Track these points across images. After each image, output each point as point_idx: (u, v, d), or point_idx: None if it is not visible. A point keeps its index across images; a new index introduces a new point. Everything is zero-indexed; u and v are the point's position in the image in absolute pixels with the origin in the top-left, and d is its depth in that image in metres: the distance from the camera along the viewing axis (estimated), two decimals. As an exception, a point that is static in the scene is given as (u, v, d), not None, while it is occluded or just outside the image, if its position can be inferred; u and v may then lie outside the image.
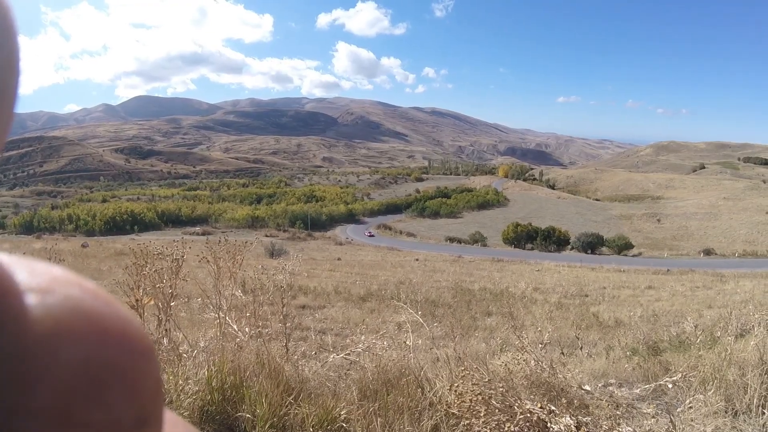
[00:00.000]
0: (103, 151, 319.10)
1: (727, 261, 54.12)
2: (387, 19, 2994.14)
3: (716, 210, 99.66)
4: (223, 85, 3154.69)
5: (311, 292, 17.99)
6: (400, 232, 75.21)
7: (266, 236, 58.83)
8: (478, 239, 65.72)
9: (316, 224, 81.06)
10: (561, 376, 3.44)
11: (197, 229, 75.21)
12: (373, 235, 70.24)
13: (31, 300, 0.23)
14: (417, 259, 41.25)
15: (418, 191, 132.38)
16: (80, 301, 0.25)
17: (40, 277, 0.25)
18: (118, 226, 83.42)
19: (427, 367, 3.74)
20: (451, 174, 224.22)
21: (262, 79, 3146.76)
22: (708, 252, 61.04)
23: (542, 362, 3.46)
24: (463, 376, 3.14)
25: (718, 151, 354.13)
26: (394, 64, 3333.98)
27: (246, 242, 6.99)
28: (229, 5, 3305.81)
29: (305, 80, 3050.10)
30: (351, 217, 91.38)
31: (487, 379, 3.13)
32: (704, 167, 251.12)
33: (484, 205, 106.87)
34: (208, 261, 4.19)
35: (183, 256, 4.04)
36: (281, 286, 4.37)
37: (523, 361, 3.48)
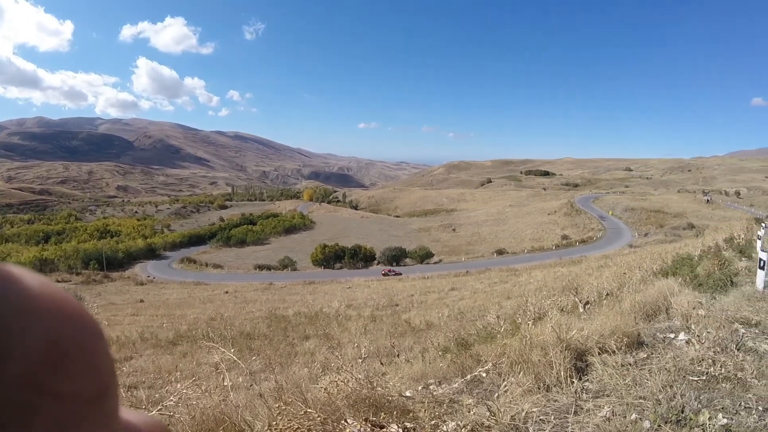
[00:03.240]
0: None
1: (518, 257, 60.25)
2: (195, 37, 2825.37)
3: (504, 216, 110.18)
4: (9, 101, 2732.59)
5: (114, 342, 16.32)
6: (206, 265, 70.97)
7: (57, 281, 51.89)
8: (287, 264, 64.97)
9: (112, 263, 72.28)
10: (381, 388, 3.38)
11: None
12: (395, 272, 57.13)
13: (2, 283, 0.26)
14: (227, 292, 39.63)
15: (222, 219, 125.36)
16: (44, 285, 0.28)
17: (3, 268, 0.27)
18: None
19: (246, 408, 3.48)
20: (255, 200, 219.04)
21: (53, 95, 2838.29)
22: (500, 252, 67.47)
23: (361, 378, 3.37)
24: (281, 412, 2.96)
25: (503, 167, 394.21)
26: (198, 85, 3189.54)
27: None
28: (29, 6, 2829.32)
29: (100, 98, 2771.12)
30: (151, 253, 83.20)
31: (303, 411, 2.98)
32: (491, 181, 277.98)
33: (291, 230, 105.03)
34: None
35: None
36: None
37: (343, 381, 3.35)
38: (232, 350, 3.95)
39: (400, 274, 53.22)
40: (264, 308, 25.86)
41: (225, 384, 3.37)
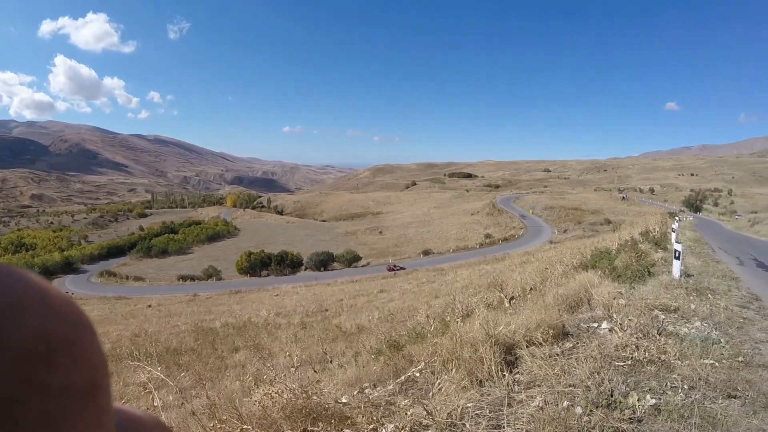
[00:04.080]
0: None
1: (444, 257, 61.19)
2: (117, 34, 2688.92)
3: (429, 217, 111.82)
4: None
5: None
6: (127, 277, 67.30)
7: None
8: (212, 273, 63.05)
9: (28, 279, 67.82)
10: (316, 396, 3.30)
11: None
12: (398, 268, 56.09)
13: None
14: (150, 306, 38.00)
15: (142, 228, 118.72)
16: (33, 280, 0.28)
17: None
18: None
19: (180, 428, 3.31)
20: (177, 207, 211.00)
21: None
22: (427, 252, 68.32)
23: (295, 388, 3.28)
24: (216, 431, 2.84)
25: (427, 169, 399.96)
26: (117, 86, 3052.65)
27: None
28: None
29: (15, 99, 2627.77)
30: (69, 266, 78.26)
31: (239, 429, 2.90)
32: (416, 184, 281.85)
33: (214, 237, 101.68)
34: None
35: None
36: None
37: (277, 393, 3.25)
38: (160, 368, 3.76)
39: (404, 268, 53.31)
40: (190, 321, 25.01)
41: (155, 404, 3.20)
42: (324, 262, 64.97)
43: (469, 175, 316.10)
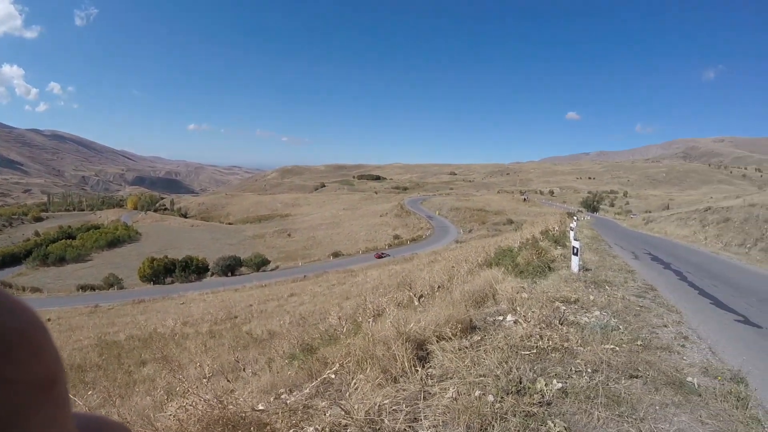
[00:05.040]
0: None
1: (354, 258, 61.26)
2: (21, 17, 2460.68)
3: (338, 219, 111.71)
4: None
5: None
6: (24, 289, 61.23)
7: None
8: (113, 282, 59.40)
9: None
10: (232, 406, 3.25)
11: None
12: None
13: None
14: (49, 319, 35.43)
15: (38, 234, 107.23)
16: None
17: None
18: None
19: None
20: (75, 210, 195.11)
21: None
22: (336, 254, 68.19)
23: (210, 399, 3.22)
24: None
25: (337, 171, 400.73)
26: (16, 74, 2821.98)
27: None
28: None
29: None
30: None
31: None
32: (325, 185, 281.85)
33: (114, 243, 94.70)
34: None
35: None
36: None
37: (191, 405, 3.17)
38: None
39: (390, 255, 54.98)
40: (93, 335, 23.66)
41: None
42: (231, 267, 63.20)
43: (378, 177, 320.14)
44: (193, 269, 62.27)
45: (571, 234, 15.81)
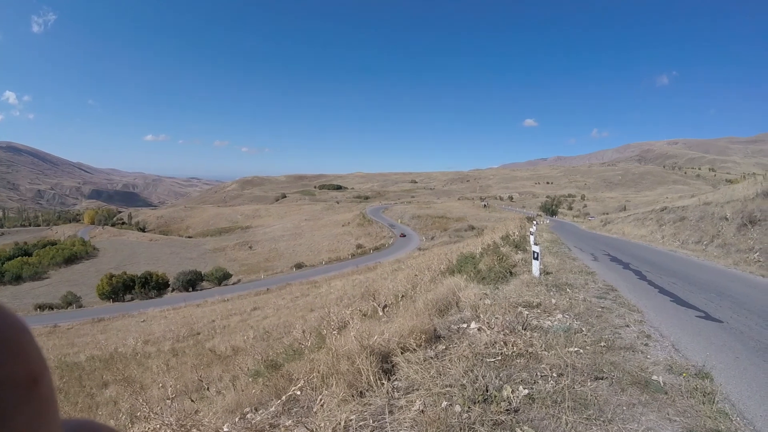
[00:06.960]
0: None
1: (317, 269, 60.92)
2: None
3: (300, 230, 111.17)
4: None
5: None
6: None
7: None
8: (71, 300, 57.50)
9: None
10: (196, 429, 3.17)
11: None
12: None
13: None
14: (3, 344, 34.32)
15: None
16: None
17: None
18: None
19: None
20: (30, 225, 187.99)
21: None
22: (299, 266, 67.73)
23: (173, 423, 3.13)
24: None
25: (297, 182, 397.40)
26: None
27: None
28: None
29: None
30: None
31: None
32: (286, 196, 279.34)
33: (72, 259, 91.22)
34: None
35: None
36: None
37: (153, 430, 3.09)
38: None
39: (405, 236, 54.03)
40: (52, 356, 22.86)
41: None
42: (192, 282, 62.09)
43: (339, 187, 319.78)
44: (153, 285, 60.89)
45: (531, 238, 16.03)
